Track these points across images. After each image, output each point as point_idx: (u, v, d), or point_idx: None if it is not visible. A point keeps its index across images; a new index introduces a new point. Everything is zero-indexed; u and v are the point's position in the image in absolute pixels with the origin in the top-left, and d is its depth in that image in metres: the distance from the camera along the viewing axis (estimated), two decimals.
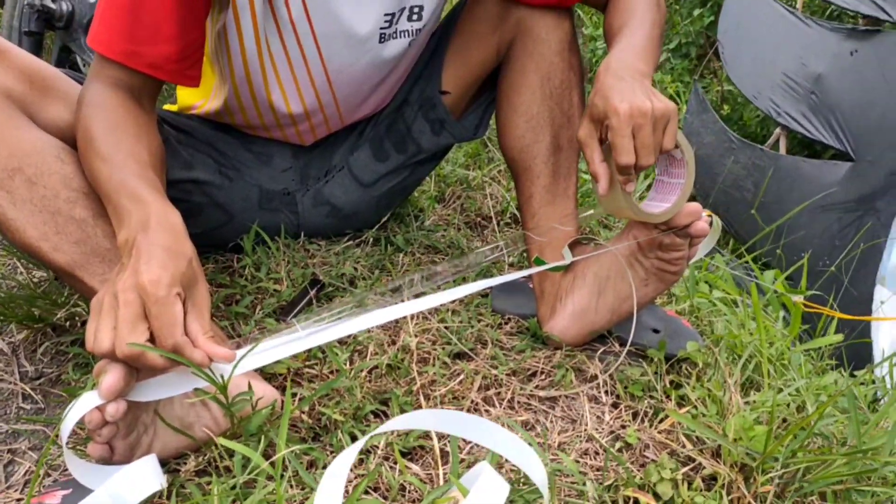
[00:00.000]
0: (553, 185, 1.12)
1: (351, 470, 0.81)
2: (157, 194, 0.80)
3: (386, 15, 1.05)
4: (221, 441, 0.75)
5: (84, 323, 1.04)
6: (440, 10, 1.13)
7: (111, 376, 0.68)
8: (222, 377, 0.73)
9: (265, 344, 0.78)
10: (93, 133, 0.85)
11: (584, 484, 0.81)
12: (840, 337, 1.27)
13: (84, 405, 0.69)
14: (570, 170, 1.13)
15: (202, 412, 0.82)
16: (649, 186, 1.09)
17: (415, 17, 1.09)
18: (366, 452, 0.85)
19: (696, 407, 0.96)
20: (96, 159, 0.83)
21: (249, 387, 0.81)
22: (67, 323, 1.03)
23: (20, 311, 1.03)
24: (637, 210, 0.94)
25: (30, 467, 0.86)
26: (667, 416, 0.95)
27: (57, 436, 0.70)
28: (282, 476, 0.76)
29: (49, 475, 0.83)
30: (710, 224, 1.01)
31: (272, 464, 0.71)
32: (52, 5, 1.91)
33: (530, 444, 0.71)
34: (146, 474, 0.71)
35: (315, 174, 1.27)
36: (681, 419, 0.87)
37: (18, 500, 0.81)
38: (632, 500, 0.80)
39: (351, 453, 0.66)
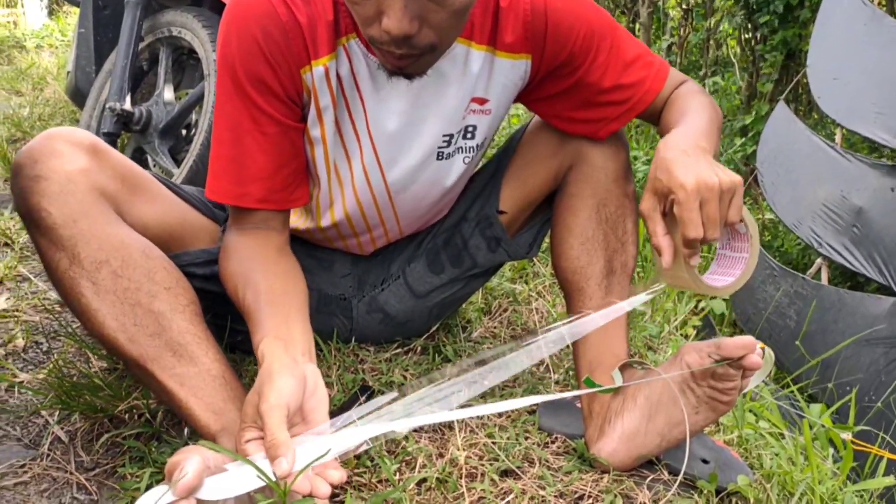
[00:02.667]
0: (605, 308, 1.14)
1: None
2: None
3: (445, 136, 1.12)
4: None
5: (141, 416, 1.06)
6: (493, 130, 1.19)
7: (189, 474, 0.70)
8: (285, 483, 0.75)
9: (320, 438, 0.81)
10: (225, 275, 1.02)
11: None
12: (891, 479, 1.24)
13: (153, 498, 0.71)
14: (623, 293, 1.15)
15: None
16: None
17: (469, 135, 1.15)
18: None
19: None
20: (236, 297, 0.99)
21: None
22: (126, 416, 1.06)
23: (83, 400, 1.06)
24: (700, 283, 0.93)
25: None
26: None
27: None
28: None
29: None
30: (763, 356, 1.02)
31: None
32: (132, 109, 2.05)
33: None
34: None
35: (372, 282, 1.31)
36: None
37: None
38: None
39: None
